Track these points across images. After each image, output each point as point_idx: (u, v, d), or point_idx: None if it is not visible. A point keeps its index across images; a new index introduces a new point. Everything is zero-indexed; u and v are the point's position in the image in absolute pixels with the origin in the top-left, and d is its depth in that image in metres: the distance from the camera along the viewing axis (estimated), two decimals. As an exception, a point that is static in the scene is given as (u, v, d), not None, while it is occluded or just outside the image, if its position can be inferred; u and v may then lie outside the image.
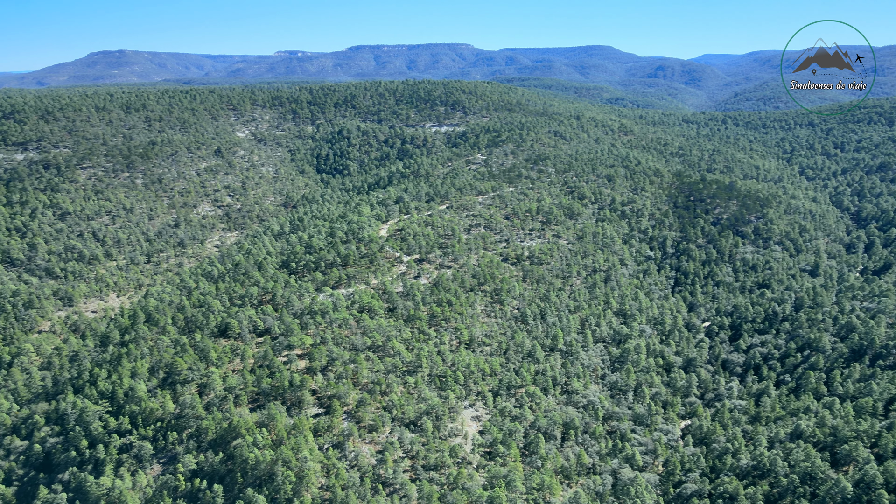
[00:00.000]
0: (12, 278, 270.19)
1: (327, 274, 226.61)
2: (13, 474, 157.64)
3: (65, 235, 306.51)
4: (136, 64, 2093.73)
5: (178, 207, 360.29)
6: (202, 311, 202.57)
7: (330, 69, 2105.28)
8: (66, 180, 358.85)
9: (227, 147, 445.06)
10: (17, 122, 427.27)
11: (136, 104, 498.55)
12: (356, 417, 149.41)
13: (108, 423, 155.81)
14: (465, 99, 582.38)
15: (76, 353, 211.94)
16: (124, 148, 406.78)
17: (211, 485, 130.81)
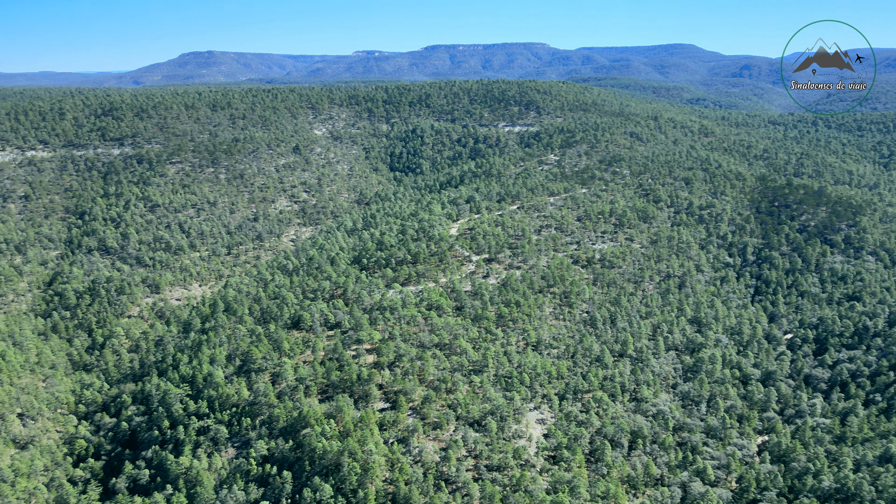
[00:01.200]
0: (107, 265, 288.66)
1: (397, 271, 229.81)
2: (102, 449, 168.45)
3: (154, 226, 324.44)
4: (223, 64, 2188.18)
5: (258, 202, 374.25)
6: (277, 302, 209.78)
7: (406, 69, 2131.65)
8: (156, 174, 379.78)
9: (304, 144, 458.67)
10: (114, 119, 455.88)
11: (222, 102, 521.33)
12: (421, 414, 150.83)
13: (188, 405, 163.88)
14: (540, 99, 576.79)
15: (161, 338, 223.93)
16: (210, 144, 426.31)
17: (281, 471, 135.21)
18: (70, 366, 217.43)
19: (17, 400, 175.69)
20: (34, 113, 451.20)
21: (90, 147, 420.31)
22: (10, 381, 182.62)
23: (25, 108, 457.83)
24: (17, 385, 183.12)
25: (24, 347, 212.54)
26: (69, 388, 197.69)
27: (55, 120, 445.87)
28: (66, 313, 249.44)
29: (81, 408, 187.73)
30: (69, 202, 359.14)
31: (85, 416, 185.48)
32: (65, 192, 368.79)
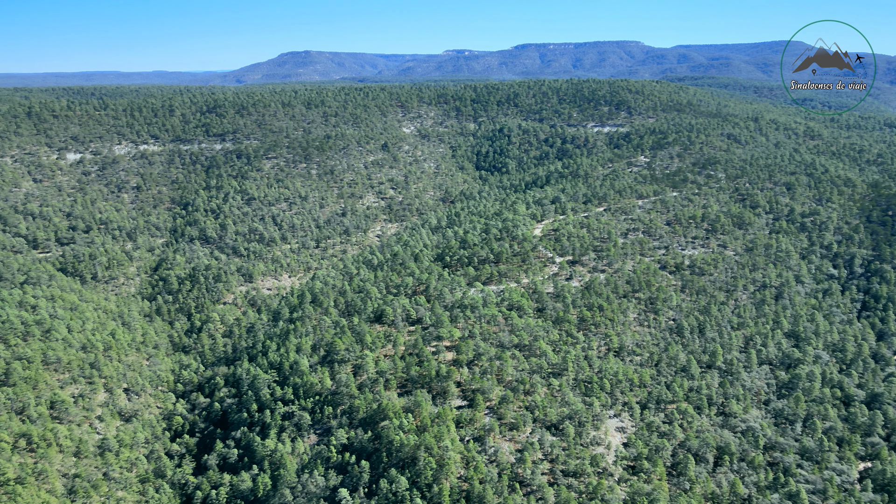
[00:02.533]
0: (206, 254, 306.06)
1: (479, 269, 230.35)
2: (196, 426, 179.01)
3: (250, 218, 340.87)
4: (318, 63, 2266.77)
5: (346, 198, 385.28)
6: (361, 296, 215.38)
7: (495, 68, 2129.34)
8: (253, 169, 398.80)
9: (393, 142, 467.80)
10: (217, 116, 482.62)
11: (316, 101, 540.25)
12: (498, 414, 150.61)
13: (274, 391, 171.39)
14: (631, 98, 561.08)
15: (252, 325, 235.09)
16: (303, 141, 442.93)
17: (359, 460, 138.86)
18: (171, 347, 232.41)
19: (124, 376, 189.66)
20: (147, 110, 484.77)
21: (195, 142, 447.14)
22: (119, 358, 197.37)
23: (140, 105, 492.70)
24: (125, 362, 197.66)
25: (132, 328, 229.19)
26: (169, 367, 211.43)
27: (165, 116, 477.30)
28: (169, 297, 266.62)
29: (179, 387, 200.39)
30: (175, 193, 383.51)
31: (182, 394, 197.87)
32: (171, 184, 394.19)
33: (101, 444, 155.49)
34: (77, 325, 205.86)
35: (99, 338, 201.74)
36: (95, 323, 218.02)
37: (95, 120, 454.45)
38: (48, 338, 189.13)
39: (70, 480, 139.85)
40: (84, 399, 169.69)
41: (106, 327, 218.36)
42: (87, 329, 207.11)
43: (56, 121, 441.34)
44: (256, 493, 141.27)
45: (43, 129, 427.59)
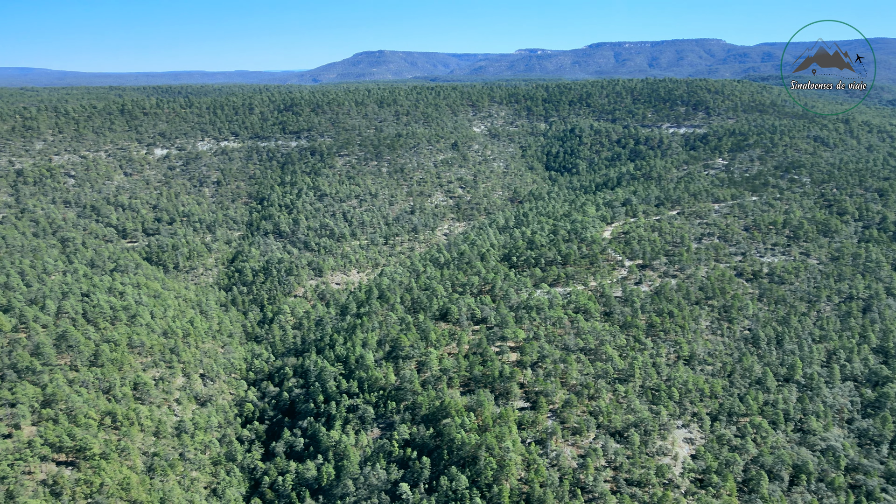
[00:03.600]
0: (279, 247, 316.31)
1: (546, 271, 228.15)
2: (266, 414, 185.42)
3: (321, 214, 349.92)
4: (392, 63, 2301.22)
5: (415, 196, 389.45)
6: (427, 294, 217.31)
7: (568, 67, 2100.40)
8: (326, 166, 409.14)
9: (463, 141, 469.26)
10: (293, 114, 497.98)
11: (388, 99, 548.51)
12: (561, 417, 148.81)
13: (340, 383, 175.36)
14: (710, 98, 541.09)
15: (321, 318, 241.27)
16: (375, 139, 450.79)
17: (420, 456, 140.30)
18: (244, 336, 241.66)
19: (201, 362, 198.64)
20: (229, 108, 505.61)
21: (272, 139, 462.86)
22: (196, 344, 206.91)
23: (222, 104, 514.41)
24: (202, 349, 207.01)
25: (209, 316, 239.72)
26: (242, 356, 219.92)
27: (245, 114, 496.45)
28: (244, 289, 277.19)
29: (251, 375, 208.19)
30: (252, 188, 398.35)
31: (253, 382, 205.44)
32: (249, 180, 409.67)
33: (178, 426, 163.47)
34: (159, 312, 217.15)
35: (179, 325, 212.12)
36: (176, 310, 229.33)
37: (181, 117, 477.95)
38: (133, 323, 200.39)
39: (149, 458, 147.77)
40: (164, 382, 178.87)
41: (185, 315, 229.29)
42: (168, 316, 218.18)
43: (146, 118, 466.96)
44: (320, 482, 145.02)
45: (134, 125, 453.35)
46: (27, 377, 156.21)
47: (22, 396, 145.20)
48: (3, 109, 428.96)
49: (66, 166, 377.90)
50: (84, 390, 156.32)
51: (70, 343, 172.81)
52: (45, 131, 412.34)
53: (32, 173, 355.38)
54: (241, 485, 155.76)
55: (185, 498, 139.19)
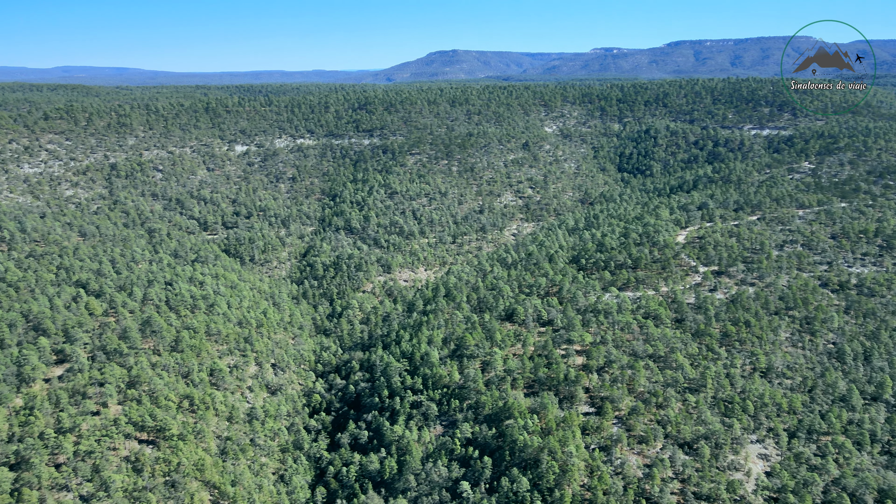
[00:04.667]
0: (349, 243, 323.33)
1: (616, 274, 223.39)
2: (332, 406, 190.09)
3: (391, 212, 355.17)
4: (465, 62, 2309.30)
5: (485, 195, 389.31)
6: (493, 294, 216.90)
7: (644, 66, 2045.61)
8: (397, 164, 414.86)
9: (534, 141, 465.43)
10: (367, 113, 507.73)
11: (460, 99, 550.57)
12: (627, 425, 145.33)
13: (405, 379, 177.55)
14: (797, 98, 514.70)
15: (388, 314, 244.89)
16: (446, 138, 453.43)
17: (482, 456, 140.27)
18: (314, 329, 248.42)
19: (272, 352, 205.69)
20: (305, 106, 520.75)
21: (346, 137, 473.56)
22: (269, 335, 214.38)
23: (299, 102, 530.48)
24: (274, 339, 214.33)
25: (281, 308, 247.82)
26: (311, 348, 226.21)
27: (321, 113, 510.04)
28: (315, 282, 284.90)
29: (319, 367, 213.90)
30: (325, 185, 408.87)
31: (321, 374, 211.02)
32: (322, 176, 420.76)
33: (250, 413, 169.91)
34: (235, 302, 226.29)
35: (253, 315, 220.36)
36: (251, 301, 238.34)
37: (261, 115, 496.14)
38: (211, 312, 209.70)
39: (222, 442, 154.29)
40: (238, 370, 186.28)
41: (259, 306, 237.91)
42: (243, 306, 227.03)
43: (228, 115, 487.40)
44: (383, 475, 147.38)
45: (217, 122, 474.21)
46: (115, 359, 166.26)
47: (110, 377, 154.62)
48: (100, 107, 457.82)
49: (155, 161, 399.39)
50: (165, 374, 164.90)
51: (154, 328, 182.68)
52: (137, 128, 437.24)
53: (125, 167, 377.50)
54: (307, 473, 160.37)
55: (255, 482, 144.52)
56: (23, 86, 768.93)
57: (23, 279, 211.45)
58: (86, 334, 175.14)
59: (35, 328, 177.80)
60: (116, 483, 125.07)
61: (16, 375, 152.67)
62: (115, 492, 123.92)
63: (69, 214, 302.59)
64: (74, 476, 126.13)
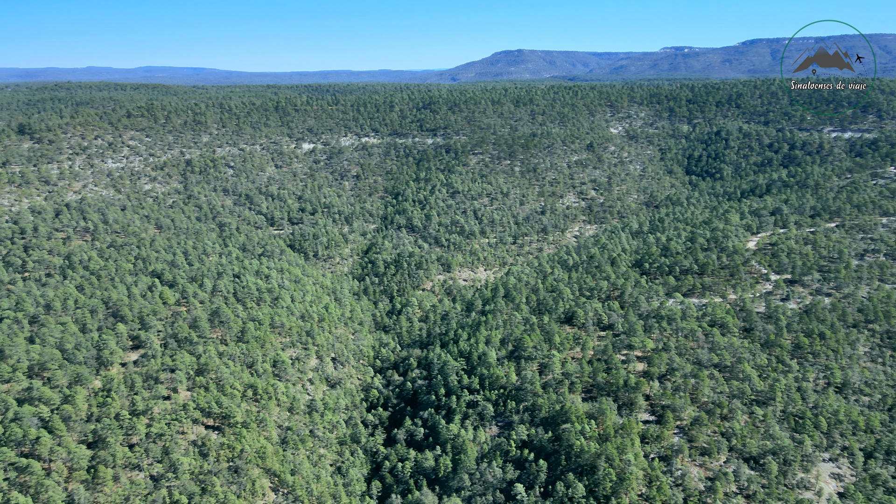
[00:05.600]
0: (410, 242, 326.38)
1: (680, 280, 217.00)
2: (390, 402, 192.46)
3: (453, 211, 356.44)
4: (530, 62, 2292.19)
5: (547, 196, 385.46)
6: (553, 296, 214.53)
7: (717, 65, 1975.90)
8: (460, 163, 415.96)
9: (598, 142, 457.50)
10: (431, 112, 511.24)
11: (525, 99, 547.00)
12: (689, 435, 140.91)
13: (462, 378, 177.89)
14: (883, 100, 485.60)
15: (447, 313, 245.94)
16: (509, 138, 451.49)
17: (537, 459, 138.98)
18: (373, 325, 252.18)
19: (333, 346, 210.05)
20: (371, 105, 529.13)
21: (409, 136, 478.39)
22: (330, 329, 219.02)
23: (365, 101, 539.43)
24: (334, 334, 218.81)
25: (342, 303, 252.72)
26: (370, 344, 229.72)
27: (385, 112, 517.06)
28: (375, 279, 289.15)
29: (378, 363, 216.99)
30: (388, 183, 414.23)
31: (379, 370, 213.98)
32: (386, 175, 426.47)
33: (310, 405, 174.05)
34: (298, 296, 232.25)
35: (315, 309, 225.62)
36: (313, 296, 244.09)
37: (327, 114, 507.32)
38: (276, 305, 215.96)
39: (283, 432, 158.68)
40: (299, 362, 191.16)
41: (321, 301, 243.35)
42: (306, 300, 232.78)
43: (297, 114, 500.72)
44: (438, 473, 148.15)
45: (286, 121, 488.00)
46: (185, 347, 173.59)
47: (180, 363, 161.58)
48: (177, 105, 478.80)
49: (227, 158, 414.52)
50: (231, 363, 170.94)
51: (222, 319, 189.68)
52: (211, 125, 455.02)
53: (199, 163, 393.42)
54: (364, 466, 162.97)
55: (313, 472, 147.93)
56: (108, 85, 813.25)
57: (104, 268, 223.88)
58: (159, 322, 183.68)
59: (114, 314, 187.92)
60: (184, 466, 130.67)
61: (95, 359, 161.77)
62: (182, 474, 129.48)
63: (147, 207, 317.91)
64: (146, 457, 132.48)
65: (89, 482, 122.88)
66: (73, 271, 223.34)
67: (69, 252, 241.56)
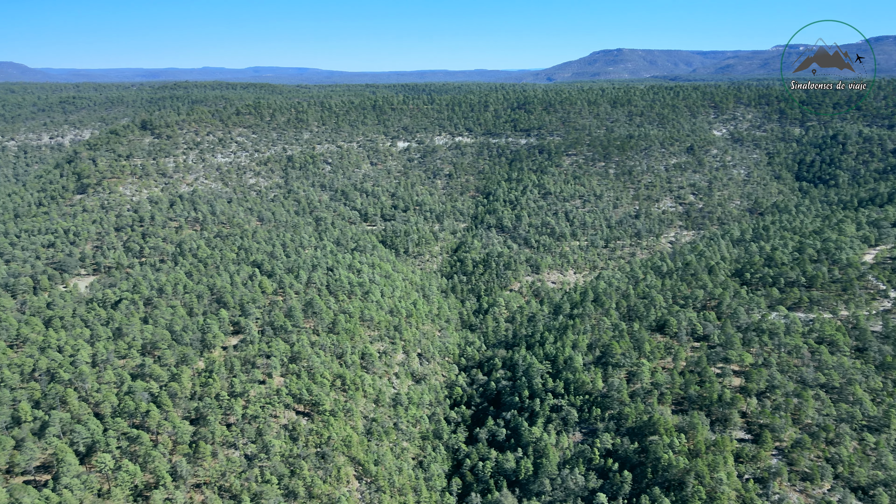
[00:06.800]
0: (500, 242, 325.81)
1: (785, 292, 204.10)
2: (473, 400, 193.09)
3: (543, 212, 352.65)
4: (629, 61, 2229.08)
5: (642, 200, 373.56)
6: (644, 302, 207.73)
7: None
8: (553, 164, 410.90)
9: (700, 145, 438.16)
10: (525, 112, 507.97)
11: (622, 99, 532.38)
12: (789, 458, 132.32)
13: (546, 381, 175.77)
14: None
15: (534, 315, 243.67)
16: (604, 139, 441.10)
17: (622, 469, 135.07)
18: (459, 323, 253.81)
19: (419, 342, 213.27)
20: (466, 105, 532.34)
21: (503, 136, 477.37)
22: (417, 325, 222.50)
23: (460, 101, 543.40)
24: (421, 330, 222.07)
25: (430, 300, 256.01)
26: (456, 342, 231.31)
27: (480, 111, 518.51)
28: (464, 278, 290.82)
29: (462, 361, 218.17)
30: (480, 183, 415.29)
31: (464, 368, 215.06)
32: (478, 174, 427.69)
33: (395, 398, 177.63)
34: (388, 291, 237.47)
35: (404, 305, 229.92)
36: (402, 291, 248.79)
37: (423, 113, 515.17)
38: (366, 298, 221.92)
39: (368, 423, 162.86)
40: (386, 356, 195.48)
41: (410, 297, 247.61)
42: (395, 296, 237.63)
43: (393, 113, 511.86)
44: (518, 475, 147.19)
45: (382, 119, 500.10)
46: (280, 335, 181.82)
47: (275, 350, 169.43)
48: (282, 104, 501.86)
49: (325, 154, 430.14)
50: (322, 353, 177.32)
51: (315, 310, 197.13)
52: (312, 123, 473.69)
53: (299, 159, 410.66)
54: (445, 462, 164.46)
55: (395, 464, 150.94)
56: (220, 84, 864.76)
57: (210, 256, 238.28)
58: (258, 310, 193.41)
59: (218, 300, 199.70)
60: (275, 448, 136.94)
61: (200, 341, 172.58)
62: (273, 455, 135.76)
63: (251, 200, 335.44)
64: (241, 436, 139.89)
65: (191, 456, 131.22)
66: (183, 258, 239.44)
67: (180, 240, 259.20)
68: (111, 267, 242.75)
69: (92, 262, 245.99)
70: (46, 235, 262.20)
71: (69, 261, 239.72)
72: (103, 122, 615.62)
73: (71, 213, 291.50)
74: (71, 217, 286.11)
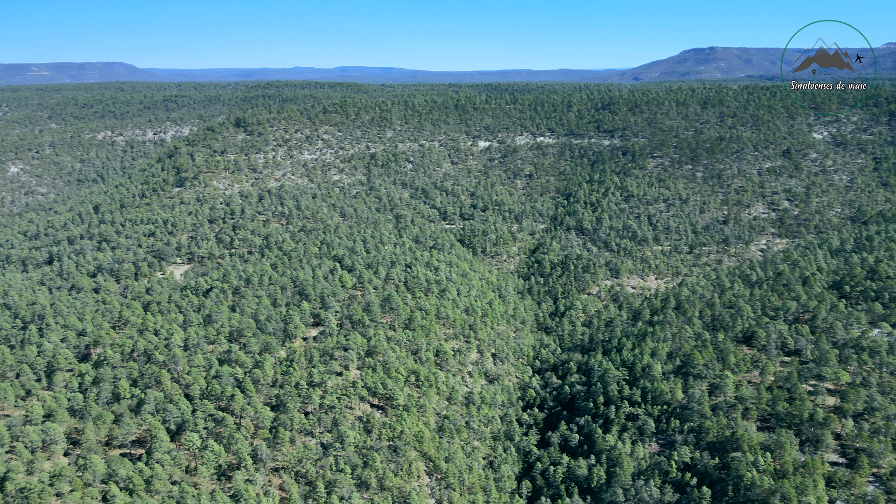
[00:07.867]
0: (579, 244, 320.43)
1: (890, 308, 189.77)
2: (546, 403, 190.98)
3: (625, 215, 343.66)
4: (722, 60, 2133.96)
5: (731, 205, 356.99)
6: (731, 312, 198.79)
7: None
8: (637, 167, 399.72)
9: (797, 148, 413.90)
10: (610, 113, 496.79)
11: (714, 100, 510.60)
12: (888, 486, 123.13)
13: (622, 389, 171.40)
14: None
15: (612, 320, 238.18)
16: (693, 141, 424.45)
17: (700, 485, 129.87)
18: (535, 325, 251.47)
19: (494, 342, 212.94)
20: (548, 105, 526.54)
21: (585, 137, 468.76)
22: (492, 325, 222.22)
23: (542, 101, 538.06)
24: (496, 330, 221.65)
25: (506, 301, 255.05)
26: (531, 343, 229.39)
27: (562, 111, 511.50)
28: (541, 279, 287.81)
29: (536, 363, 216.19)
30: (560, 184, 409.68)
31: (538, 370, 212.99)
32: (558, 175, 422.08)
33: (468, 397, 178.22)
34: (464, 290, 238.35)
35: (479, 304, 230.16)
36: (478, 291, 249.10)
37: (505, 112, 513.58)
38: (442, 296, 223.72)
39: (441, 420, 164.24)
40: (460, 354, 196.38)
41: (486, 296, 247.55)
42: (471, 295, 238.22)
43: (475, 112, 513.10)
44: (590, 483, 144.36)
45: (464, 119, 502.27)
46: (358, 329, 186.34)
47: (353, 344, 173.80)
48: (367, 102, 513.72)
49: (407, 153, 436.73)
50: (397, 348, 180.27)
51: (392, 306, 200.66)
52: (395, 122, 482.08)
53: (382, 157, 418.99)
54: (515, 464, 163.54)
55: (466, 462, 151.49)
56: (309, 83, 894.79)
57: (294, 250, 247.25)
58: (337, 303, 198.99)
59: (300, 293, 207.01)
60: (350, 438, 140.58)
61: (282, 331, 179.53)
62: (348, 446, 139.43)
63: (334, 197, 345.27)
64: (318, 425, 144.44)
65: (270, 440, 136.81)
66: (269, 251, 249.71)
67: (267, 233, 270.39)
68: (204, 257, 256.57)
69: (187, 251, 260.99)
70: (147, 225, 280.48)
71: (167, 250, 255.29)
72: (201, 119, 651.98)
73: (170, 205, 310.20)
74: (170, 209, 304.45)
